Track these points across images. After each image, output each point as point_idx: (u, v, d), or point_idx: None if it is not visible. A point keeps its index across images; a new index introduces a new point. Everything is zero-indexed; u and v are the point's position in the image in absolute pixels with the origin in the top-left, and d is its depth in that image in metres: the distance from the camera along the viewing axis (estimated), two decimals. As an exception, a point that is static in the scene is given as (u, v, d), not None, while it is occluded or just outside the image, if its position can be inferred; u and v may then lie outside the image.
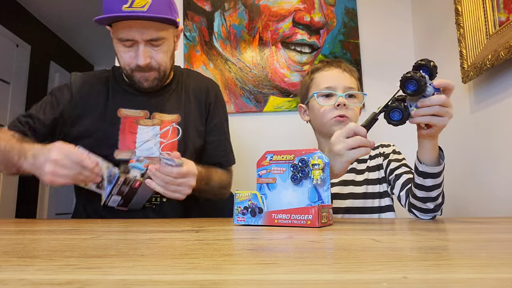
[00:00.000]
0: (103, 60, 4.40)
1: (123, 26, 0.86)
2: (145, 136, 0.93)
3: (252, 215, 0.58)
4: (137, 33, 0.86)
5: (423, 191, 0.73)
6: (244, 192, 0.59)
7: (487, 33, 1.10)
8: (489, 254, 0.30)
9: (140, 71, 0.91)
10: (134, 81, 0.94)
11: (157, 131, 0.94)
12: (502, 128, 1.08)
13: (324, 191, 0.58)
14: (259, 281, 0.21)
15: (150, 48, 0.89)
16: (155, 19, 0.85)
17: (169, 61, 0.95)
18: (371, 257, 0.28)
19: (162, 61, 0.92)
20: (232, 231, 0.50)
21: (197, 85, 1.06)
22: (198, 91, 1.05)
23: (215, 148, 1.05)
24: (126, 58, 0.90)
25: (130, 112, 0.95)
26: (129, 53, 0.89)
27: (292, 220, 0.55)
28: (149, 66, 0.90)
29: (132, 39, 0.87)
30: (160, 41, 0.89)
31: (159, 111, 0.97)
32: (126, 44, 0.88)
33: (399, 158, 0.95)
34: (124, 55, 0.90)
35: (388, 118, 0.66)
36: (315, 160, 0.58)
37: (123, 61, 0.91)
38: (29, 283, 0.19)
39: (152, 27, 0.86)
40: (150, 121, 0.95)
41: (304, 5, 1.69)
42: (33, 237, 0.43)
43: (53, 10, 3.31)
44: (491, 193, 1.12)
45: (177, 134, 0.91)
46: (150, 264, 0.26)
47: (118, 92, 0.98)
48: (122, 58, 0.91)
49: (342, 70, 0.97)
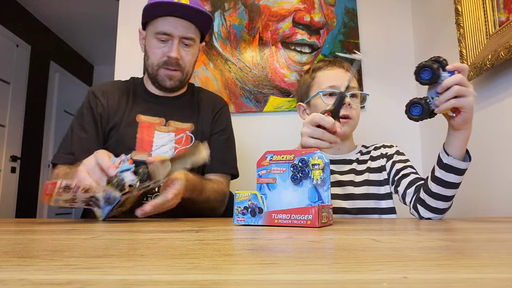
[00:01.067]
0: (103, 60, 4.40)
1: (163, 21, 0.95)
2: (161, 141, 0.98)
3: (252, 215, 0.58)
4: (174, 28, 0.95)
5: (440, 186, 0.72)
6: (244, 192, 0.59)
7: (487, 33, 1.10)
8: (489, 254, 0.30)
9: (167, 68, 0.98)
10: (157, 80, 1.01)
11: (172, 137, 0.99)
12: (502, 128, 1.08)
13: (324, 191, 0.57)
14: (259, 281, 0.20)
15: (182, 47, 0.98)
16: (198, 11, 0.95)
17: (192, 67, 1.04)
18: (371, 257, 0.28)
19: (188, 63, 1.01)
20: (232, 231, 0.50)
21: (208, 99, 1.12)
22: (208, 104, 1.10)
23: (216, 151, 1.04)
24: (158, 53, 0.97)
25: (147, 118, 1.00)
26: (162, 48, 0.97)
27: (292, 220, 0.55)
28: (178, 63, 0.98)
29: (169, 34, 0.95)
30: (191, 41, 0.98)
31: (175, 119, 1.02)
32: (161, 38, 0.96)
33: (403, 159, 0.94)
34: (157, 50, 0.97)
35: (409, 113, 0.66)
36: (315, 160, 0.58)
37: (154, 56, 0.98)
38: (29, 283, 0.19)
39: (188, 26, 0.96)
40: (166, 128, 1.00)
41: (304, 5, 1.69)
42: (33, 237, 0.43)
43: (53, 10, 3.31)
44: (491, 193, 1.12)
45: (190, 141, 0.98)
46: (150, 264, 0.26)
47: (137, 100, 1.04)
48: (154, 54, 0.98)
49: (345, 70, 0.98)
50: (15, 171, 3.06)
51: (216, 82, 1.67)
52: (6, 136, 2.95)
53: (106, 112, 1.00)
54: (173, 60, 0.97)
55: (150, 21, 0.98)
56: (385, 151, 0.99)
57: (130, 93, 1.05)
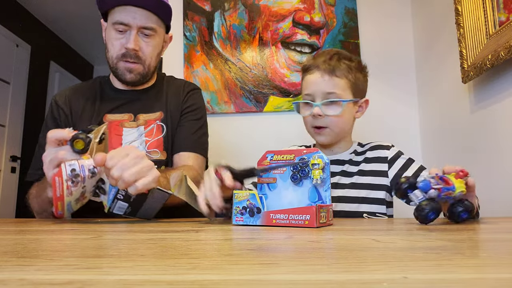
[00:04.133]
0: (103, 60, 4.38)
1: (120, 10, 0.91)
2: (131, 137, 0.95)
3: (251, 215, 0.57)
4: (132, 18, 0.90)
5: None
6: (243, 192, 0.59)
7: (487, 33, 1.10)
8: (489, 254, 0.30)
9: (126, 61, 0.94)
10: (118, 74, 0.96)
11: (142, 130, 0.96)
12: (502, 128, 1.08)
13: (324, 191, 0.57)
14: (259, 281, 0.20)
15: (141, 38, 0.93)
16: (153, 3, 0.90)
17: (154, 59, 0.98)
18: (371, 257, 0.28)
19: (149, 55, 0.95)
20: (232, 231, 0.50)
21: (179, 84, 1.08)
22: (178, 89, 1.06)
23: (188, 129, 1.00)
24: (116, 45, 0.93)
25: (114, 116, 0.98)
26: (119, 40, 0.93)
27: (290, 220, 0.55)
28: (137, 55, 0.93)
29: (127, 24, 0.91)
30: (151, 31, 0.93)
31: (143, 112, 0.99)
32: (118, 28, 0.92)
33: (415, 168, 0.88)
34: (115, 42, 0.93)
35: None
36: (315, 160, 0.58)
37: (112, 49, 0.94)
38: (29, 283, 0.19)
39: (147, 16, 0.91)
40: (135, 123, 0.97)
41: (304, 5, 1.69)
42: (33, 237, 0.43)
43: (53, 10, 3.31)
44: (491, 193, 1.12)
45: (162, 131, 0.94)
46: (150, 264, 0.26)
47: (104, 99, 1.01)
48: (113, 46, 0.94)
49: (321, 75, 0.89)
50: (15, 171, 3.06)
51: (216, 82, 1.67)
52: (6, 136, 2.95)
53: (69, 120, 0.97)
54: (131, 51, 0.92)
55: (109, 11, 0.94)
56: (385, 154, 0.92)
57: (96, 94, 1.01)
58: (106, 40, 0.97)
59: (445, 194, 0.57)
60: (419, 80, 1.62)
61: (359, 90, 0.93)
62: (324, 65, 0.90)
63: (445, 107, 1.43)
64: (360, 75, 0.93)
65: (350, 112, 0.93)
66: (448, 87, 1.39)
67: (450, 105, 1.39)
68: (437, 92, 1.49)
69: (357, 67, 0.93)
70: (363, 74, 0.95)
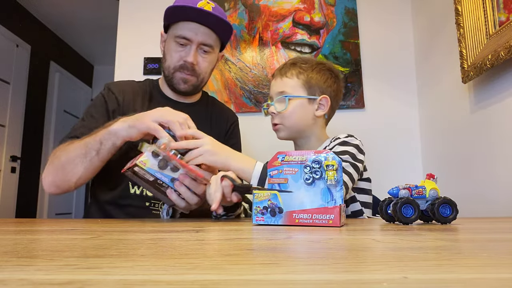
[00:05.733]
0: (103, 60, 4.40)
1: (184, 24, 0.96)
2: None
3: (272, 214, 0.58)
4: (194, 34, 0.95)
5: None
6: (263, 192, 0.59)
7: (487, 33, 1.10)
8: (489, 254, 0.30)
9: (183, 72, 0.99)
10: (172, 82, 1.01)
11: None
12: (501, 128, 1.08)
13: (337, 191, 0.57)
14: (259, 281, 0.20)
15: (199, 53, 0.99)
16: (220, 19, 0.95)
17: (208, 74, 1.04)
18: (371, 257, 0.28)
19: (204, 69, 1.01)
20: (232, 231, 0.50)
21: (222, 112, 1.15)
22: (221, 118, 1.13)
23: None
24: (175, 56, 0.98)
25: None
26: (179, 52, 0.97)
27: (313, 219, 0.55)
28: (193, 68, 0.98)
29: (189, 38, 0.96)
30: (210, 48, 0.99)
31: None
32: (180, 42, 0.97)
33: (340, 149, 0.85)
34: (175, 54, 0.98)
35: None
36: (329, 161, 0.58)
37: (171, 59, 0.99)
38: (29, 283, 0.19)
39: (208, 34, 0.97)
40: None
41: (304, 5, 1.69)
42: (33, 237, 0.43)
43: (53, 10, 3.31)
44: (490, 193, 1.12)
45: None
46: (150, 264, 0.26)
47: (152, 101, 1.04)
48: (171, 57, 0.98)
49: (275, 78, 1.00)
50: (15, 171, 3.06)
51: (216, 82, 1.67)
52: (6, 136, 2.95)
53: (120, 109, 0.99)
54: (189, 64, 0.97)
55: (172, 24, 0.99)
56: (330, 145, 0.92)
57: (146, 95, 1.05)
58: (165, 51, 1.01)
59: (416, 193, 0.59)
60: (419, 80, 1.62)
61: (313, 88, 0.96)
62: (279, 70, 1.00)
63: (445, 107, 1.43)
64: (315, 75, 0.97)
65: (305, 108, 0.96)
66: (448, 87, 1.39)
67: (450, 105, 1.39)
68: (437, 92, 1.49)
69: (313, 68, 0.98)
70: (321, 74, 0.98)
